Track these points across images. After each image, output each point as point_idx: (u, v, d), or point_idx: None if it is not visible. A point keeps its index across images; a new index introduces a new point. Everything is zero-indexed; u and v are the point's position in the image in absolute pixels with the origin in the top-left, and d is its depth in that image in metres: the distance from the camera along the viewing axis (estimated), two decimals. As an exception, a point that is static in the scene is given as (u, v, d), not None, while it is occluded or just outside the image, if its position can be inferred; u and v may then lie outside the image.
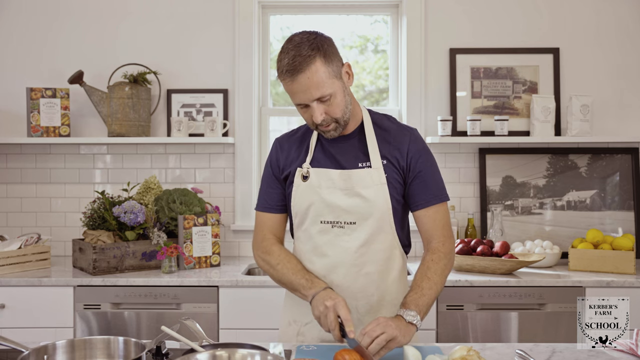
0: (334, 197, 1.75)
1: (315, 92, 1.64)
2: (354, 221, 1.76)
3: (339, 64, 1.69)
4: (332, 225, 1.77)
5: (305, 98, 1.65)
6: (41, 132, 3.19)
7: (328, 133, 1.73)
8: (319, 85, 1.63)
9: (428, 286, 1.69)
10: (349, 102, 1.74)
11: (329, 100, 1.66)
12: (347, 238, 1.76)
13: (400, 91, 3.45)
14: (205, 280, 2.75)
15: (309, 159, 1.80)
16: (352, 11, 3.54)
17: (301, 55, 1.61)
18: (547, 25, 3.35)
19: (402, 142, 1.78)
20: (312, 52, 1.62)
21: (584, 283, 2.71)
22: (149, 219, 2.99)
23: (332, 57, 1.66)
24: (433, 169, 1.81)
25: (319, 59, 1.62)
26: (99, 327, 2.75)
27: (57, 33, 3.38)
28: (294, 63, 1.61)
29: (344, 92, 1.70)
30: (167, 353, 1.60)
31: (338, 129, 1.73)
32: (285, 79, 1.65)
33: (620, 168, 3.31)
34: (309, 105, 1.67)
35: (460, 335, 2.72)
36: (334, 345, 1.71)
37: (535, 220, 3.30)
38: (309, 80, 1.62)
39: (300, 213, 1.81)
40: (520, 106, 3.34)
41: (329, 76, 1.64)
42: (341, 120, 1.71)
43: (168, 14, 3.38)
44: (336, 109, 1.68)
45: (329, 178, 1.76)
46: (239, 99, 3.36)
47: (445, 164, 3.35)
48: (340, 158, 1.78)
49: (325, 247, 1.78)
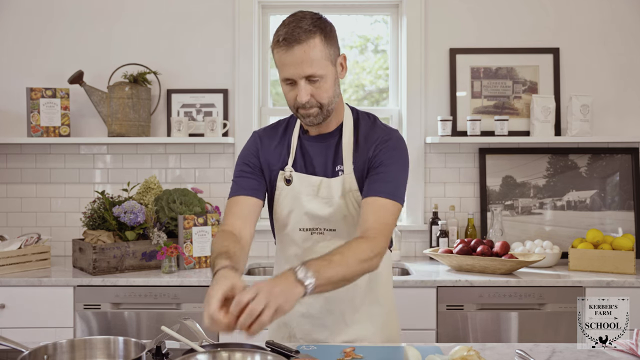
0: (313, 206, 1.71)
1: (308, 69, 1.57)
2: (334, 228, 1.73)
3: (337, 51, 1.65)
4: (312, 232, 1.73)
5: (296, 73, 1.58)
6: (41, 132, 3.19)
7: (308, 118, 1.64)
8: (312, 61, 1.56)
9: (338, 260, 1.46)
10: (338, 93, 1.68)
11: (318, 82, 1.59)
12: (327, 244, 1.71)
13: (400, 91, 3.45)
14: (205, 280, 2.75)
15: (291, 160, 1.74)
16: (352, 11, 3.54)
17: (301, 28, 1.56)
18: (547, 25, 3.35)
19: (371, 142, 1.70)
20: (314, 28, 1.57)
21: (584, 283, 2.71)
22: (149, 219, 2.99)
23: (331, 40, 1.62)
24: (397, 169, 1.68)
25: (319, 36, 1.57)
26: (99, 327, 2.75)
27: (57, 33, 3.38)
28: (293, 33, 1.56)
29: (335, 80, 1.65)
30: (167, 353, 1.60)
31: (319, 116, 1.64)
32: (279, 48, 1.58)
33: (620, 168, 3.31)
34: (296, 83, 1.60)
35: (460, 335, 2.72)
36: (334, 346, 1.71)
37: (535, 220, 3.30)
38: (304, 54, 1.56)
39: (282, 218, 1.77)
40: (520, 106, 3.34)
41: (324, 57, 1.58)
42: (325, 107, 1.63)
43: (168, 14, 3.38)
44: (323, 93, 1.61)
45: (310, 184, 1.72)
46: (239, 99, 3.36)
47: (445, 164, 3.35)
48: (317, 160, 1.73)
49: (306, 253, 1.73)
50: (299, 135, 1.77)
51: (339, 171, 1.71)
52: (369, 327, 1.80)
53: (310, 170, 1.73)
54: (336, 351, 1.67)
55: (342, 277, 1.47)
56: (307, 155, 1.74)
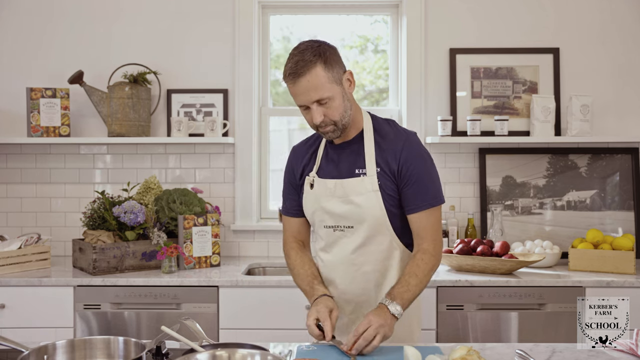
0: (331, 205, 1.90)
1: (314, 95, 1.76)
2: (352, 225, 1.89)
3: (340, 71, 1.82)
4: (334, 229, 1.92)
5: (305, 100, 1.78)
6: (41, 132, 3.19)
7: (327, 135, 1.85)
8: (317, 88, 1.75)
9: (415, 283, 1.80)
10: (349, 107, 1.85)
11: (327, 104, 1.78)
12: (347, 240, 1.90)
13: (400, 91, 3.45)
14: (205, 280, 2.75)
15: (316, 167, 1.95)
16: (352, 11, 3.54)
17: (303, 60, 1.75)
18: (547, 25, 3.35)
19: (395, 149, 1.86)
20: (314, 57, 1.75)
21: (584, 283, 2.71)
22: (149, 219, 2.99)
23: (333, 64, 1.78)
24: (427, 173, 1.88)
25: (320, 65, 1.75)
26: (99, 327, 2.75)
27: (57, 33, 3.38)
28: (297, 67, 1.75)
29: (343, 97, 1.82)
30: (167, 353, 1.60)
31: (336, 131, 1.84)
32: (288, 82, 1.79)
33: (620, 168, 3.31)
34: (310, 107, 1.80)
35: (460, 335, 2.72)
36: (334, 346, 1.72)
37: (535, 220, 3.30)
38: (309, 84, 1.75)
39: (309, 217, 1.99)
40: (520, 106, 3.34)
41: (328, 81, 1.76)
42: (339, 123, 1.82)
43: (168, 14, 3.38)
44: (334, 112, 1.80)
45: (326, 187, 1.91)
46: (239, 99, 3.36)
47: (445, 164, 3.35)
48: (341, 165, 1.91)
49: (328, 247, 1.96)
50: (326, 144, 1.97)
51: (360, 174, 1.87)
52: None
53: (334, 174, 1.92)
54: (336, 351, 1.67)
55: (419, 293, 1.83)
56: (333, 161, 1.94)
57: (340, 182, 1.89)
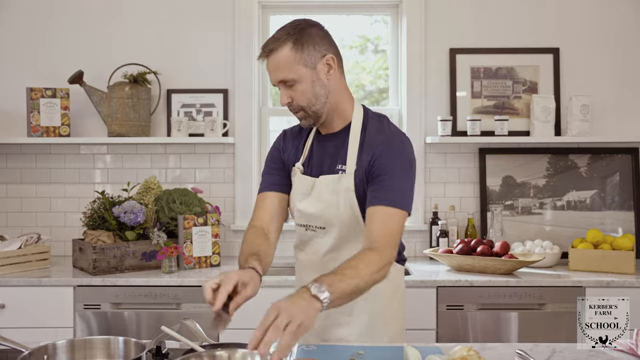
0: (304, 203, 1.80)
1: (278, 74, 1.69)
2: (323, 226, 1.79)
3: (316, 54, 1.68)
4: (306, 228, 1.83)
5: (272, 78, 1.71)
6: (41, 132, 3.19)
7: (301, 122, 1.79)
8: (280, 68, 1.67)
9: (351, 275, 1.47)
10: (322, 94, 1.71)
11: (294, 86, 1.69)
12: (319, 241, 1.81)
13: (400, 91, 3.45)
14: (206, 280, 2.75)
15: (303, 158, 1.84)
16: (352, 11, 3.54)
17: (274, 38, 1.68)
18: (547, 25, 3.35)
19: (373, 145, 1.71)
20: (285, 36, 1.67)
21: (584, 283, 2.71)
22: (149, 219, 2.99)
23: (306, 45, 1.67)
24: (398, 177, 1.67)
25: (289, 44, 1.66)
26: (99, 327, 2.75)
27: (56, 33, 3.38)
28: (268, 43, 1.69)
29: (313, 82, 1.69)
30: (167, 353, 1.60)
31: (308, 118, 1.74)
32: (261, 58, 1.72)
33: (620, 168, 3.31)
34: None
35: (460, 335, 2.72)
36: (334, 346, 1.71)
37: (535, 220, 3.30)
38: (275, 62, 1.68)
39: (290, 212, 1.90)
40: (520, 106, 3.34)
41: (295, 62, 1.66)
42: (307, 109, 1.72)
43: (168, 14, 3.38)
44: (300, 96, 1.70)
45: (302, 183, 1.81)
46: (239, 99, 3.36)
47: (445, 164, 3.35)
48: (324, 158, 1.80)
49: (302, 245, 1.87)
50: (315, 134, 1.86)
51: (339, 170, 1.76)
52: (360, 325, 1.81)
53: (316, 169, 1.81)
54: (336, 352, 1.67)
55: (354, 289, 1.48)
56: (316, 155, 1.83)
57: (314, 179, 1.78)
